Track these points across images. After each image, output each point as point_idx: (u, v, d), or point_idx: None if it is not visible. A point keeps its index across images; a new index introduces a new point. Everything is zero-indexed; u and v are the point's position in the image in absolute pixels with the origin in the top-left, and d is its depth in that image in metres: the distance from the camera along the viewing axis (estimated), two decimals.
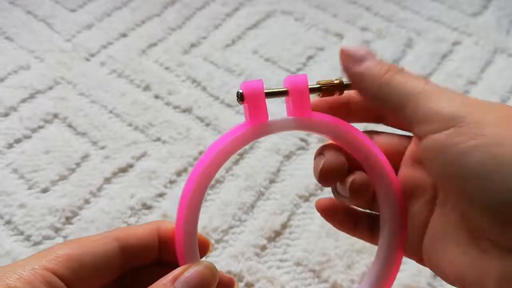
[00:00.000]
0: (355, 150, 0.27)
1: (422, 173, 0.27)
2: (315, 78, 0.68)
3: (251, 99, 0.25)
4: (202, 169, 0.26)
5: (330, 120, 0.27)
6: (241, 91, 0.25)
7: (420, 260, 0.27)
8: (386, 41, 0.67)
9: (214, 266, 0.25)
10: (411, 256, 0.28)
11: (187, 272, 0.24)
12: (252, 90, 0.25)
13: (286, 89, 0.26)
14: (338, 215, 0.30)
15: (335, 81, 0.27)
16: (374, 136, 0.29)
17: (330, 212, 0.30)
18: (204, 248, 0.28)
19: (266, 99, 0.26)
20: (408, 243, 0.27)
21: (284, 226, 0.49)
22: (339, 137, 0.27)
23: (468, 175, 0.21)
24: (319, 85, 0.27)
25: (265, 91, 0.25)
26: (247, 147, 0.55)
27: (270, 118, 0.26)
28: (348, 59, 0.26)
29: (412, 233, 0.27)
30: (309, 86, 0.26)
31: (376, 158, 0.27)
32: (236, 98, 0.25)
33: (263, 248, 0.48)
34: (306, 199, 0.51)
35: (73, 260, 0.24)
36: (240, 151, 0.55)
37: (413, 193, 0.27)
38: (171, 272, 0.24)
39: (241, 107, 0.58)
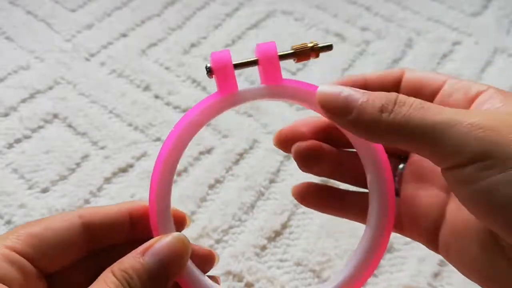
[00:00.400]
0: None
1: None
2: (315, 77, 0.68)
3: (219, 70, 0.25)
4: (173, 141, 0.26)
5: (302, 86, 0.26)
6: (209, 65, 0.25)
7: (436, 249, 0.27)
8: (386, 41, 0.67)
9: (186, 238, 0.25)
10: (425, 242, 0.28)
11: (157, 243, 0.24)
12: (219, 61, 0.25)
13: (256, 58, 0.26)
14: (310, 195, 0.30)
15: (309, 44, 0.26)
16: None
17: (302, 194, 0.30)
18: (180, 222, 0.28)
19: (236, 70, 0.25)
20: (424, 229, 0.28)
21: (284, 226, 0.49)
22: (312, 104, 0.26)
23: (498, 207, 0.21)
24: (292, 50, 0.26)
25: (234, 62, 0.25)
26: (247, 146, 0.55)
27: (240, 88, 0.26)
28: (330, 111, 0.24)
29: (427, 219, 0.27)
30: (281, 53, 0.26)
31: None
32: (206, 72, 0.25)
33: (263, 248, 0.48)
34: None
35: (34, 237, 0.24)
36: (240, 151, 0.55)
37: (426, 177, 0.28)
38: (142, 245, 0.24)
39: (242, 107, 0.58)
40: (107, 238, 0.26)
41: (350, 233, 0.48)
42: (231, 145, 0.55)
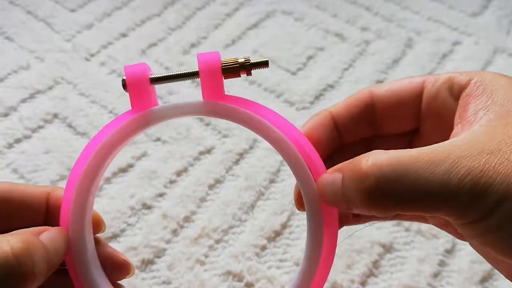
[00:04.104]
0: (268, 138, 0.25)
1: None
2: (316, 77, 0.68)
3: (133, 86, 0.23)
4: (85, 166, 0.24)
5: (231, 103, 0.23)
6: (124, 78, 0.22)
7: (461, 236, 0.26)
8: (386, 41, 0.67)
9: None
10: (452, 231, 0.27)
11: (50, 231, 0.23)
12: (134, 76, 0.22)
13: (196, 70, 0.24)
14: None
15: (239, 60, 0.22)
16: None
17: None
18: (98, 227, 0.26)
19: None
20: None
21: (284, 226, 0.49)
22: (239, 120, 0.24)
23: None
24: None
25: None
26: (247, 146, 0.55)
27: (157, 106, 0.23)
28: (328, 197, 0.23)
29: None
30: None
31: (289, 146, 0.24)
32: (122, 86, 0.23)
33: (263, 248, 0.48)
34: None
35: None
36: (240, 151, 0.55)
37: None
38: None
39: None
40: (23, 218, 0.25)
41: (349, 233, 0.48)
42: (231, 145, 0.55)
